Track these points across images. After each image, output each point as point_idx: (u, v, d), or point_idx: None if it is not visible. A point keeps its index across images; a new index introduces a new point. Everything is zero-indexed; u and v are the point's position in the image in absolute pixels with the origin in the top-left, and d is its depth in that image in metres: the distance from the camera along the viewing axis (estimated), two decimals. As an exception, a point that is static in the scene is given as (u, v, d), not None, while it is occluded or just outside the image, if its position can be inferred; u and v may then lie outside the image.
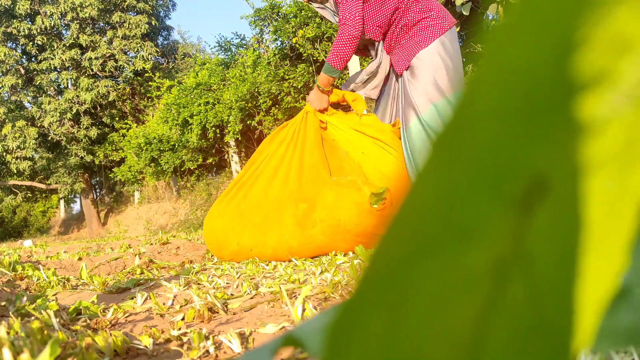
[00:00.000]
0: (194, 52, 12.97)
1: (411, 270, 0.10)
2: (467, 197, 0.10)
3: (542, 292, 0.11)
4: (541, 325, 0.11)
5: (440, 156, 0.10)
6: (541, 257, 0.11)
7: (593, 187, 0.10)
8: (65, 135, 10.38)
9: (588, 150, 0.10)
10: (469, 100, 0.10)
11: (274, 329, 0.70)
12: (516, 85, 0.10)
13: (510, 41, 0.09)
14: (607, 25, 0.09)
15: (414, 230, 0.10)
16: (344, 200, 1.54)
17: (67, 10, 9.77)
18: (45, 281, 1.34)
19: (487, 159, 0.10)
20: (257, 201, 1.63)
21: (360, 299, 0.11)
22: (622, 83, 0.10)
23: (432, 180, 0.10)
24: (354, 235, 1.51)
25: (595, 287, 0.11)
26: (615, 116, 0.10)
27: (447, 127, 0.10)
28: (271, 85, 5.42)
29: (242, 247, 1.61)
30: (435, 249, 0.10)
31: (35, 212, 17.22)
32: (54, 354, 0.48)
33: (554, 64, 0.09)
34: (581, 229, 0.11)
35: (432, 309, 0.10)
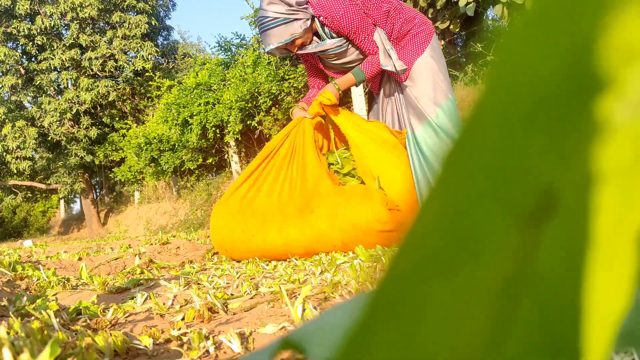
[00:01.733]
0: (194, 52, 12.96)
1: (422, 289, 0.10)
2: (476, 214, 0.10)
3: (552, 310, 0.11)
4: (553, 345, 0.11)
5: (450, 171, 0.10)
6: (550, 274, 0.10)
7: (602, 200, 0.10)
8: (65, 135, 10.37)
9: (597, 162, 0.10)
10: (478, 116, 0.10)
11: (274, 329, 0.70)
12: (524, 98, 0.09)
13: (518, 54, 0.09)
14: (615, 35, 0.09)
15: (425, 249, 0.10)
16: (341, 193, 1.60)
17: (67, 10, 9.76)
18: (45, 281, 1.34)
19: (495, 174, 0.10)
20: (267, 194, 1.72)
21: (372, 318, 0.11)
22: (629, 92, 0.09)
23: (441, 198, 0.10)
24: (352, 228, 1.52)
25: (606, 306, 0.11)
26: (624, 126, 0.10)
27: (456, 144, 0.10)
28: (271, 85, 5.42)
29: (245, 233, 1.66)
30: (445, 268, 0.10)
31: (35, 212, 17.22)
32: (54, 354, 0.48)
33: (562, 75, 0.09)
34: (590, 244, 0.10)
35: (443, 329, 0.10)
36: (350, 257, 1.39)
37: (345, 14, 1.74)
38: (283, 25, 1.73)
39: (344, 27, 1.77)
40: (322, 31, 1.83)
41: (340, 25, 1.76)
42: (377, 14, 1.83)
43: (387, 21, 1.85)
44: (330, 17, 1.76)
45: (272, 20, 1.72)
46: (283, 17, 1.72)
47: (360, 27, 1.77)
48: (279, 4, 1.72)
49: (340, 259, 1.37)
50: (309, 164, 1.70)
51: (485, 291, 0.10)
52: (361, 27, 1.77)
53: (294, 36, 1.75)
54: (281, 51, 1.83)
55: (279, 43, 1.74)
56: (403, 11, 1.88)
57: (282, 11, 1.72)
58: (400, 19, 1.87)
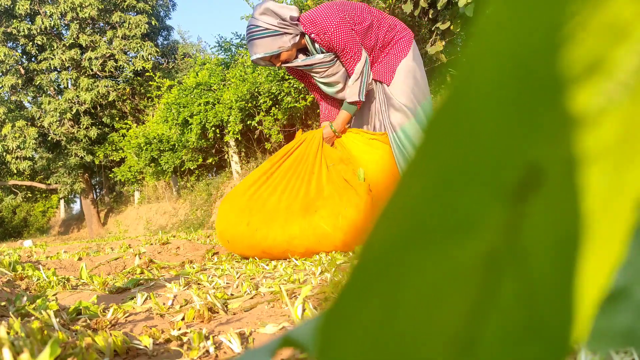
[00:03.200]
0: (194, 52, 12.96)
1: (403, 261, 0.10)
2: (460, 188, 0.10)
3: (536, 287, 0.11)
4: (536, 321, 0.11)
5: (432, 145, 0.10)
6: (535, 250, 0.10)
7: (589, 180, 0.10)
8: (65, 135, 10.38)
9: (584, 141, 0.10)
10: (461, 89, 0.09)
11: (274, 329, 0.70)
12: (508, 73, 0.09)
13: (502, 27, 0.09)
14: (603, 12, 0.09)
15: (406, 220, 0.10)
16: (342, 194, 1.61)
17: (67, 10, 9.76)
18: (45, 281, 1.34)
19: (480, 149, 0.10)
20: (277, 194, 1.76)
21: (352, 291, 0.10)
22: (618, 72, 0.09)
23: (424, 170, 0.10)
24: (353, 228, 1.53)
25: (591, 282, 0.11)
26: (612, 106, 0.09)
27: (438, 116, 0.10)
28: (271, 85, 5.42)
29: (250, 227, 1.68)
30: (428, 240, 0.10)
31: (35, 212, 17.22)
32: (54, 354, 0.48)
33: (548, 51, 0.09)
34: (576, 221, 0.10)
35: (425, 302, 0.10)
36: (350, 257, 1.39)
37: (336, 31, 1.78)
38: (271, 37, 1.76)
39: (334, 43, 1.81)
40: (312, 47, 1.88)
41: (332, 41, 1.80)
42: (362, 28, 1.87)
43: (371, 33, 1.90)
44: (322, 33, 1.79)
45: (262, 31, 1.75)
46: (273, 29, 1.75)
47: (349, 44, 1.81)
48: (271, 15, 1.75)
49: (340, 259, 1.37)
50: (318, 167, 1.75)
51: (468, 264, 0.10)
52: (350, 44, 1.81)
53: (281, 49, 1.78)
54: (266, 62, 1.86)
55: (265, 54, 1.78)
56: (385, 20, 1.95)
57: (273, 23, 1.74)
58: (384, 28, 1.94)
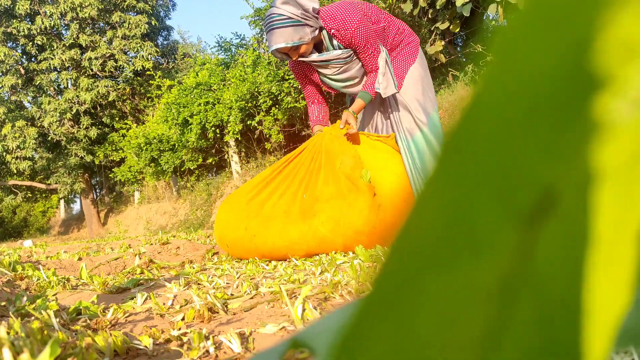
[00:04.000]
0: (194, 52, 12.96)
1: (419, 285, 0.10)
2: (475, 211, 0.10)
3: (551, 309, 0.11)
4: (551, 344, 0.11)
5: (446, 168, 0.10)
6: (549, 273, 0.10)
7: (601, 199, 0.10)
8: (65, 135, 10.38)
9: (596, 161, 0.10)
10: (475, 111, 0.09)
11: (274, 329, 0.70)
12: (523, 95, 0.09)
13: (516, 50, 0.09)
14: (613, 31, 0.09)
15: (422, 244, 0.10)
16: (345, 198, 1.57)
17: (67, 10, 9.76)
18: (45, 281, 1.34)
19: (495, 172, 0.10)
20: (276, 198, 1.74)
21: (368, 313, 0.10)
22: (629, 90, 0.09)
23: (438, 193, 0.10)
24: (354, 232, 1.52)
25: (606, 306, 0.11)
26: (623, 125, 0.09)
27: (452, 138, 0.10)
28: (271, 85, 5.42)
29: (248, 232, 1.66)
30: (443, 264, 0.10)
31: (35, 212, 17.22)
32: (54, 354, 0.48)
33: (560, 73, 0.09)
34: (589, 244, 0.10)
35: (440, 326, 0.10)
36: (350, 257, 1.39)
37: (359, 27, 1.76)
38: (293, 27, 1.71)
39: (357, 40, 1.78)
40: (329, 43, 1.84)
41: (354, 37, 1.77)
42: (378, 28, 1.86)
43: (383, 35, 1.90)
44: (344, 29, 1.76)
45: (285, 20, 1.70)
46: (296, 19, 1.70)
47: (371, 41, 1.80)
48: (294, 5, 1.70)
49: (340, 259, 1.37)
50: (322, 170, 1.71)
51: (482, 289, 0.10)
52: (371, 41, 1.80)
53: (302, 41, 1.73)
54: (282, 55, 1.81)
55: (286, 44, 1.72)
56: (394, 23, 1.94)
57: (296, 13, 1.70)
58: (393, 30, 1.93)
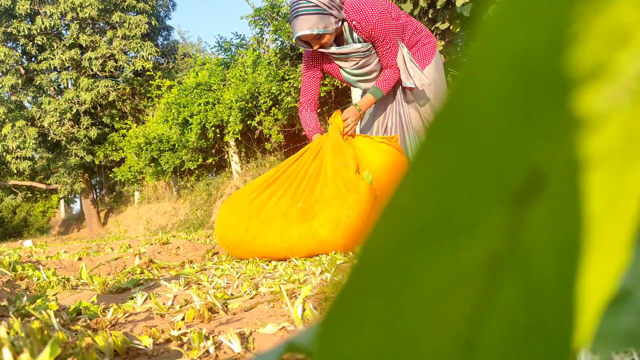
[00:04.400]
0: (194, 52, 12.96)
1: (405, 263, 0.10)
2: (462, 190, 0.10)
3: (538, 289, 0.11)
4: (537, 323, 0.11)
5: (434, 147, 0.10)
6: (537, 253, 0.10)
7: (592, 183, 0.10)
8: (65, 135, 10.38)
9: (586, 145, 0.10)
10: (464, 92, 0.09)
11: (274, 329, 0.70)
12: (512, 76, 0.09)
13: (505, 31, 0.09)
14: (605, 16, 0.09)
15: (408, 221, 0.10)
16: (345, 199, 1.56)
17: (67, 10, 9.76)
18: (45, 281, 1.34)
19: (482, 152, 0.10)
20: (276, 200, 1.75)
21: (353, 292, 0.10)
22: (620, 76, 0.09)
23: (426, 171, 0.10)
24: (355, 234, 1.52)
25: (594, 285, 0.11)
26: (614, 111, 0.09)
27: (441, 117, 0.10)
28: (271, 85, 5.42)
29: (248, 233, 1.66)
30: (430, 242, 0.10)
31: (35, 212, 17.22)
32: (54, 354, 0.48)
33: (551, 55, 0.09)
34: (579, 225, 0.10)
35: (427, 303, 0.10)
36: (350, 257, 1.39)
37: (380, 20, 1.78)
38: (319, 15, 1.72)
39: (377, 32, 1.80)
40: (349, 35, 1.85)
41: (375, 30, 1.79)
42: (398, 24, 1.88)
43: (402, 33, 1.91)
44: (366, 21, 1.78)
45: (312, 7, 1.71)
46: (322, 7, 1.72)
47: (390, 35, 1.82)
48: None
49: (340, 259, 1.37)
50: (322, 171, 1.71)
51: (470, 266, 0.10)
52: (390, 35, 1.82)
53: (326, 30, 1.75)
54: (303, 44, 1.82)
55: (311, 31, 1.73)
56: (412, 23, 1.95)
57: (323, 1, 1.72)
58: (410, 30, 1.94)
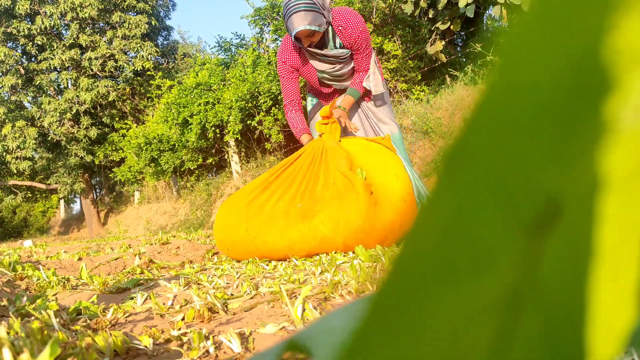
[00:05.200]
0: (194, 52, 12.97)
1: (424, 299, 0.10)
2: (479, 222, 0.10)
3: (557, 320, 0.10)
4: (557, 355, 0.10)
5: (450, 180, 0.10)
6: (554, 284, 0.10)
7: (606, 208, 0.10)
8: (65, 135, 10.38)
9: (601, 169, 0.09)
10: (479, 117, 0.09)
11: (274, 329, 0.70)
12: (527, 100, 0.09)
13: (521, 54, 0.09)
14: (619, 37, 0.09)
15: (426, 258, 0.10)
16: (344, 198, 1.57)
17: (67, 10, 9.76)
18: (45, 281, 1.34)
19: (498, 181, 0.10)
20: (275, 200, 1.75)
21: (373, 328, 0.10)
22: (635, 97, 0.09)
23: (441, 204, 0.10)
24: (355, 232, 1.52)
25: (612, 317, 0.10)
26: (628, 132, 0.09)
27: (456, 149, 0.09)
28: (271, 85, 5.42)
29: (248, 233, 1.67)
30: (447, 279, 0.10)
31: (35, 212, 17.22)
32: (54, 354, 0.48)
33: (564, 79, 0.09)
34: (594, 253, 0.10)
35: (446, 339, 0.10)
36: (350, 257, 1.39)
37: (364, 30, 1.96)
38: (316, 13, 1.83)
39: (360, 40, 1.95)
40: (331, 39, 1.98)
41: (360, 38, 1.94)
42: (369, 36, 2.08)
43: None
44: (352, 29, 1.93)
45: (310, 4, 1.82)
46: (318, 7, 1.84)
47: (369, 44, 2.00)
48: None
49: (340, 259, 1.37)
50: (322, 172, 1.71)
51: (488, 302, 0.10)
52: (369, 44, 2.00)
53: (320, 29, 1.85)
54: (301, 40, 1.90)
55: (310, 26, 1.82)
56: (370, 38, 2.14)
57: (318, 1, 1.84)
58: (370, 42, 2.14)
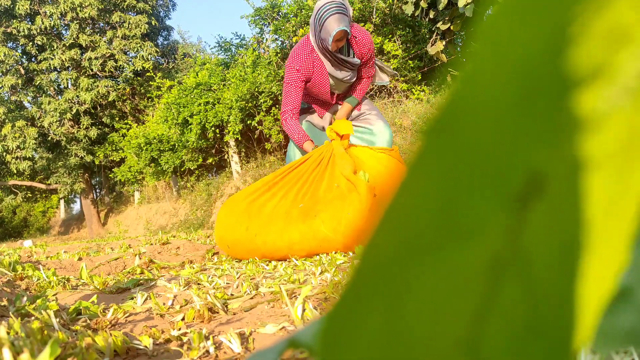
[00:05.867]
0: (194, 52, 12.96)
1: (407, 266, 0.10)
2: (463, 193, 0.10)
3: (539, 291, 0.11)
4: (539, 324, 0.11)
5: (433, 150, 0.10)
6: (538, 255, 0.10)
7: (592, 185, 0.10)
8: (65, 135, 10.37)
9: (586, 146, 0.10)
10: (463, 94, 0.09)
11: (274, 329, 0.70)
12: (512, 78, 0.09)
13: (504, 33, 0.09)
14: (605, 17, 0.09)
15: (409, 225, 0.10)
16: (345, 198, 1.57)
17: (67, 10, 9.76)
18: (45, 281, 1.34)
19: (483, 154, 0.10)
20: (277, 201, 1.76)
21: (356, 295, 0.10)
22: (620, 77, 0.09)
23: (426, 175, 0.10)
24: (355, 231, 1.52)
25: (594, 286, 0.11)
26: (615, 111, 0.09)
27: (439, 120, 0.10)
28: (271, 85, 5.42)
29: (249, 232, 1.67)
30: (431, 246, 0.10)
31: (35, 212, 17.22)
32: (54, 354, 0.48)
33: (550, 57, 0.09)
34: (579, 227, 0.10)
35: (429, 306, 0.10)
36: (350, 257, 1.39)
37: (372, 42, 2.15)
38: (347, 17, 1.94)
39: (371, 52, 2.12)
40: (346, 48, 2.10)
41: (370, 50, 2.11)
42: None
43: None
44: (364, 41, 2.09)
45: (344, 9, 1.92)
46: (347, 11, 1.96)
47: (374, 56, 2.20)
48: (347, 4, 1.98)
49: (340, 259, 1.37)
50: (325, 176, 1.71)
51: (472, 269, 0.10)
52: (374, 56, 2.20)
53: (349, 33, 1.95)
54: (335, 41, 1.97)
55: (346, 28, 1.92)
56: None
57: (348, 8, 1.98)
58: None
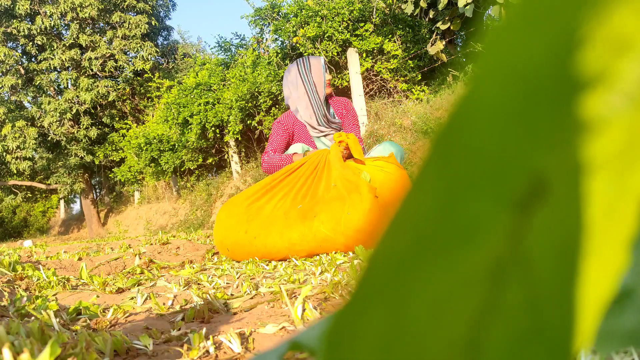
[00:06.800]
0: (194, 52, 12.96)
1: (410, 272, 0.10)
2: (466, 198, 0.10)
3: (541, 294, 0.11)
4: (540, 327, 0.11)
5: (438, 157, 0.10)
6: (540, 259, 0.11)
7: (593, 188, 0.10)
8: (65, 135, 10.37)
9: (588, 151, 0.10)
10: (467, 101, 0.10)
11: (274, 329, 0.70)
12: (515, 84, 0.10)
13: (509, 40, 0.09)
14: (607, 24, 0.09)
15: (413, 231, 0.10)
16: (345, 198, 1.57)
17: (67, 10, 9.76)
18: (45, 281, 1.34)
19: (487, 160, 0.10)
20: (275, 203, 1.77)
21: (360, 300, 0.11)
22: (621, 83, 0.09)
23: (430, 181, 0.10)
24: (355, 231, 1.52)
25: (595, 287, 0.11)
26: (615, 117, 0.10)
27: (445, 127, 0.10)
28: (271, 85, 5.42)
29: (248, 234, 1.67)
30: (434, 250, 0.10)
31: (35, 212, 17.22)
32: (54, 354, 0.48)
33: (553, 63, 0.09)
34: (580, 230, 0.11)
35: (431, 311, 0.10)
36: (350, 257, 1.39)
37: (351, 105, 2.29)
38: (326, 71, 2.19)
39: (353, 117, 2.25)
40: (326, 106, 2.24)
41: (352, 114, 2.24)
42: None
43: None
44: (347, 105, 2.25)
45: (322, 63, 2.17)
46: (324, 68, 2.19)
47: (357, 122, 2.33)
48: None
49: (340, 259, 1.37)
50: (324, 178, 1.72)
51: (474, 273, 0.10)
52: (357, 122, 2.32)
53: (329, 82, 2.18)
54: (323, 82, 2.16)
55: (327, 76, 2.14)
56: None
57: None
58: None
